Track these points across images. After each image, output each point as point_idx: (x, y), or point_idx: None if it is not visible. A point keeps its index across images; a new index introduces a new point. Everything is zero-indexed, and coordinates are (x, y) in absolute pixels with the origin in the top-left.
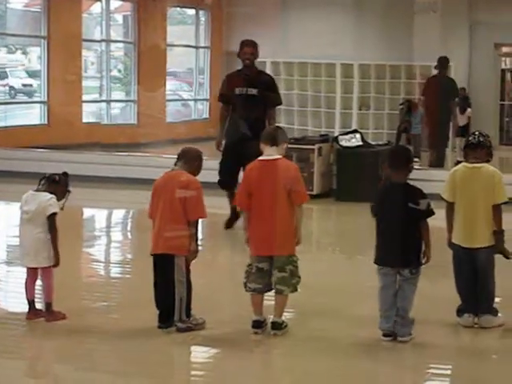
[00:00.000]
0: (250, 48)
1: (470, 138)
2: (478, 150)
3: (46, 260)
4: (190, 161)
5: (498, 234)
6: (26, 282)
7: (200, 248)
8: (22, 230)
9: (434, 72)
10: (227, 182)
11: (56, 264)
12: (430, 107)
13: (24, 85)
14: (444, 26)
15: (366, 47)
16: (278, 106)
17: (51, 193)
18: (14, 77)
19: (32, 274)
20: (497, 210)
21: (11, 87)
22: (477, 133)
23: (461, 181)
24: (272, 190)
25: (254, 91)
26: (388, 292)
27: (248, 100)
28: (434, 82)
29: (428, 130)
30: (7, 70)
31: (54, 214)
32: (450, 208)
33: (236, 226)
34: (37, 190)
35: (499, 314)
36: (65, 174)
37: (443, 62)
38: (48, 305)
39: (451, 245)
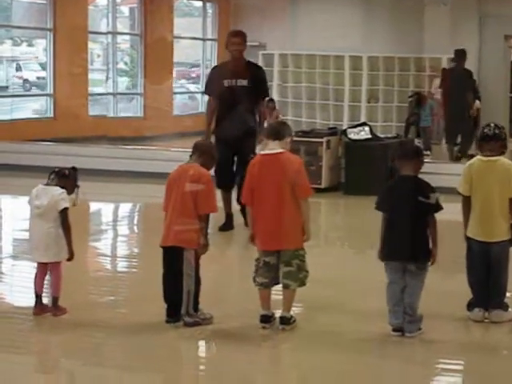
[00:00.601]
0: (237, 38)
1: (486, 130)
2: (493, 142)
3: (56, 255)
4: (203, 154)
5: None
6: (35, 277)
7: (209, 242)
8: (33, 224)
9: (451, 65)
10: (225, 183)
11: (71, 258)
12: (449, 99)
13: (38, 77)
14: (454, 19)
15: (375, 39)
16: (285, 99)
17: (61, 187)
18: (27, 70)
19: (42, 268)
20: None
21: (25, 80)
22: (492, 124)
23: (476, 174)
24: (275, 184)
25: (244, 82)
26: (396, 288)
27: (238, 92)
28: (452, 75)
29: (448, 123)
30: (21, 62)
31: (66, 208)
32: (466, 202)
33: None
34: (47, 185)
35: (510, 309)
36: (74, 168)
37: (460, 54)
38: (55, 299)
39: (467, 239)
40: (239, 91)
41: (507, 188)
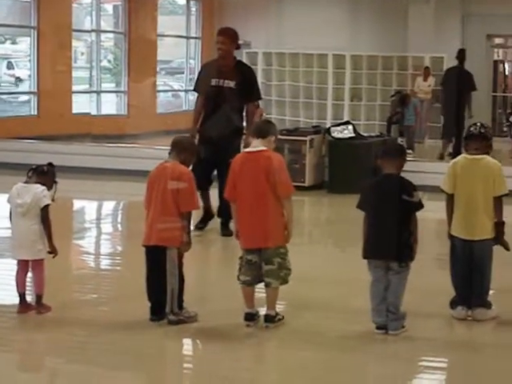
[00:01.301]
0: (221, 37)
1: (472, 129)
2: (479, 141)
3: (40, 252)
4: (183, 151)
5: (499, 225)
6: (16, 275)
7: (192, 240)
8: (16, 222)
9: (448, 64)
10: (202, 184)
11: (54, 253)
12: (450, 98)
13: (30, 75)
14: (437, 18)
15: (359, 38)
16: (268, 97)
17: (41, 184)
18: (19, 68)
19: (24, 266)
20: (498, 201)
21: (17, 78)
22: (478, 124)
23: (461, 172)
24: (255, 181)
25: (231, 84)
26: (379, 286)
27: (224, 93)
28: (452, 74)
29: (446, 121)
30: (13, 60)
31: (48, 205)
32: (450, 200)
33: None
34: (26, 182)
35: (493, 307)
36: (50, 164)
37: (462, 54)
38: (39, 297)
39: (451, 237)
40: (226, 92)
41: (491, 186)
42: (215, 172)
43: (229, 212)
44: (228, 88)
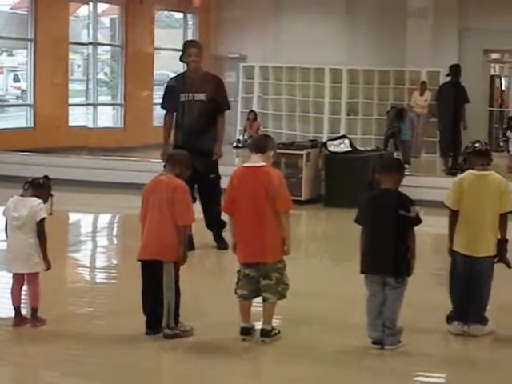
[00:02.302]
0: (195, 49)
1: (477, 145)
2: (485, 157)
3: (36, 265)
4: (177, 164)
5: (502, 243)
6: (12, 288)
7: (188, 253)
8: (12, 235)
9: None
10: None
11: (48, 267)
12: (444, 113)
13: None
14: (434, 32)
15: (355, 52)
16: (265, 111)
17: (37, 197)
18: (25, 80)
19: (19, 280)
20: (503, 218)
21: (23, 91)
22: (481, 140)
23: (468, 188)
24: (254, 196)
25: (201, 96)
26: (375, 300)
27: (195, 106)
28: (447, 89)
29: (443, 137)
30: (19, 73)
31: (44, 219)
32: (454, 216)
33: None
34: (22, 195)
35: (489, 323)
36: (46, 177)
37: (454, 69)
38: (34, 310)
39: (452, 252)
40: (196, 106)
41: (498, 203)
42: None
43: (220, 222)
44: (198, 101)
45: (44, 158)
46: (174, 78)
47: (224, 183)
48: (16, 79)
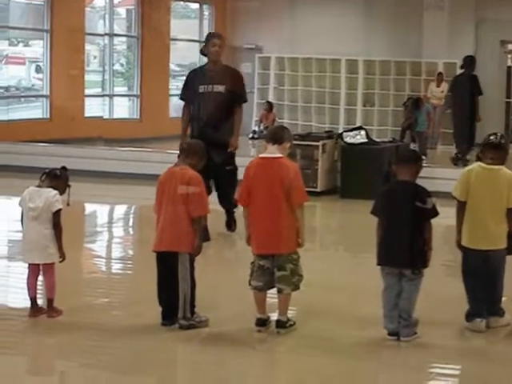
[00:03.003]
0: (218, 39)
1: (492, 138)
2: (497, 150)
3: (52, 256)
4: (191, 155)
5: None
6: (28, 279)
7: (203, 244)
8: (28, 226)
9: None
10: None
11: (62, 259)
12: (458, 105)
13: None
14: (450, 24)
15: (372, 43)
16: (281, 102)
17: (53, 188)
18: None
19: (35, 270)
20: (511, 213)
21: None
22: (498, 134)
23: (475, 181)
24: (270, 188)
25: (220, 88)
26: (391, 292)
27: (213, 98)
28: (461, 81)
29: (457, 129)
30: (41, 64)
31: (60, 209)
32: (462, 207)
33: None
34: (39, 186)
35: (506, 315)
36: (64, 168)
37: (469, 61)
38: (50, 301)
39: (461, 246)
40: (215, 97)
41: (506, 198)
42: None
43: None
44: (217, 93)
45: (60, 148)
46: (194, 69)
47: (240, 174)
48: (38, 70)
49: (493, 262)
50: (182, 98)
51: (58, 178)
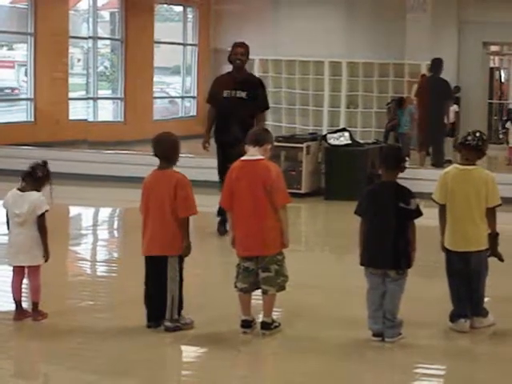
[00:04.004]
0: (242, 48)
1: (469, 138)
2: (473, 152)
3: (37, 258)
4: (167, 150)
5: (493, 237)
6: (12, 282)
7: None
8: (14, 230)
9: (426, 73)
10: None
11: (46, 259)
12: (425, 108)
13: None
14: (433, 25)
15: (355, 45)
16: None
17: (37, 190)
18: None
19: (20, 273)
20: (491, 213)
21: None
22: (477, 134)
23: (452, 183)
24: (252, 190)
25: (242, 94)
26: (375, 293)
27: (236, 103)
28: (428, 84)
29: (422, 132)
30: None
31: (44, 212)
32: (442, 210)
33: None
34: (22, 190)
35: (489, 315)
36: (44, 163)
37: (437, 64)
38: (35, 304)
39: (444, 249)
40: (237, 103)
41: (485, 197)
42: None
43: None
44: (239, 99)
45: (44, 151)
46: (222, 75)
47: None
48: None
49: (474, 263)
50: (208, 101)
51: (39, 180)
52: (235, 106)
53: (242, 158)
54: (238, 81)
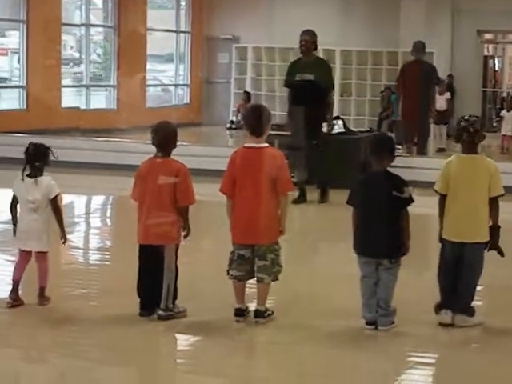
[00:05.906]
0: (305, 36)
1: (470, 129)
2: (472, 142)
3: (47, 244)
4: (164, 139)
5: (495, 229)
6: (17, 264)
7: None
8: (28, 217)
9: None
10: (297, 144)
11: (64, 241)
12: (407, 95)
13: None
14: (427, 13)
15: (349, 33)
16: (258, 92)
17: (43, 169)
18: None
19: (26, 257)
20: (494, 203)
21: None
22: (472, 118)
23: (455, 172)
24: (255, 177)
25: (310, 77)
26: (369, 281)
27: (305, 85)
28: (410, 69)
29: (406, 120)
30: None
31: (58, 194)
32: (442, 201)
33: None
34: (31, 176)
35: (476, 314)
36: (34, 143)
37: (418, 47)
38: (42, 289)
39: (441, 239)
40: (307, 84)
41: (487, 187)
42: None
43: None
44: (308, 81)
45: (37, 139)
46: (294, 61)
47: (219, 164)
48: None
49: (467, 255)
50: (285, 85)
51: (42, 167)
52: (305, 87)
53: (246, 145)
54: (307, 64)
